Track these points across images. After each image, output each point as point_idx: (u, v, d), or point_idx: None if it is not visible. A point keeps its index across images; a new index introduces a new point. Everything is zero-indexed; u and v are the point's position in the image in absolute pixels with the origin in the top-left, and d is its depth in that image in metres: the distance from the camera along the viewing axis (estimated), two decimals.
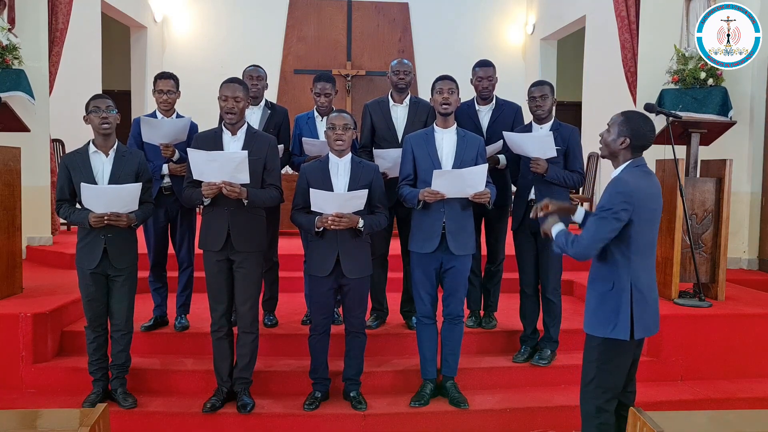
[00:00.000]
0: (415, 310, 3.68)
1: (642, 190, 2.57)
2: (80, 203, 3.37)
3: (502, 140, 3.90)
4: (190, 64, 9.16)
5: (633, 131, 2.60)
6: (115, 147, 3.42)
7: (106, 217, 3.26)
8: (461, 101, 3.78)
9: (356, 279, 3.42)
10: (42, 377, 3.74)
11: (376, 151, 3.97)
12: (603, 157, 2.78)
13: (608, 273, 2.65)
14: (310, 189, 3.32)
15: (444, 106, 3.48)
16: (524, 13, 9.97)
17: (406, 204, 3.55)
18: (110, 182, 3.36)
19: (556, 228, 2.81)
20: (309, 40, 9.81)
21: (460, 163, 3.47)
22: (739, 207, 5.61)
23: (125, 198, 3.31)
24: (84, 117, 3.38)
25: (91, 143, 3.41)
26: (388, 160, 3.89)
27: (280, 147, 3.96)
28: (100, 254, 3.35)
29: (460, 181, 3.36)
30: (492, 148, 3.94)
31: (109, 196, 3.29)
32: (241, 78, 3.75)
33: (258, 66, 4.25)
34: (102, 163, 3.38)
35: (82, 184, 3.28)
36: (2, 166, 4.16)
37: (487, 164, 3.46)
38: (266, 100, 4.26)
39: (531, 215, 3.02)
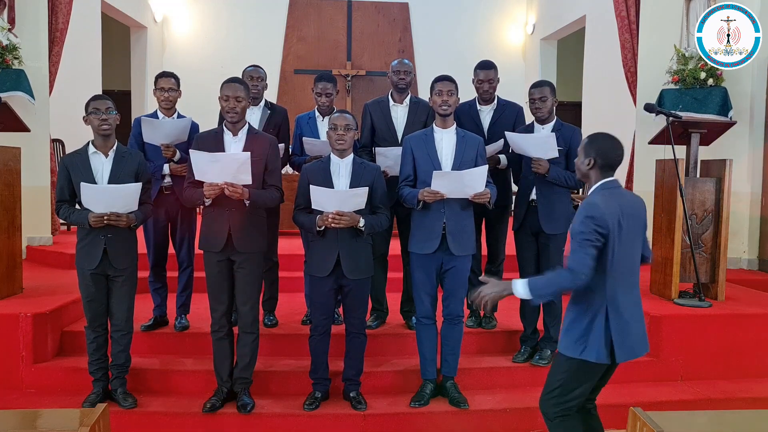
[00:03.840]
0: (415, 310, 3.68)
1: (613, 212, 2.52)
2: (80, 204, 3.37)
3: (502, 140, 3.90)
4: (190, 64, 9.15)
5: (597, 151, 2.61)
6: (114, 147, 3.41)
7: (105, 217, 3.26)
8: (462, 101, 3.77)
9: (357, 280, 3.42)
10: (42, 377, 3.74)
11: (377, 149, 3.97)
12: (580, 181, 2.74)
13: (582, 293, 2.59)
14: (311, 186, 3.31)
15: (443, 107, 3.48)
16: (524, 13, 9.97)
17: (405, 204, 3.55)
18: (110, 183, 3.35)
19: (518, 284, 2.57)
20: (309, 40, 9.81)
21: (459, 163, 3.46)
22: (739, 207, 5.60)
23: (125, 198, 3.31)
24: (84, 118, 3.38)
25: (90, 144, 3.40)
26: (389, 158, 3.89)
27: (280, 147, 3.96)
28: (100, 255, 3.34)
29: (459, 182, 3.35)
30: (492, 148, 3.93)
31: (108, 196, 3.29)
32: (241, 78, 3.74)
33: (258, 66, 4.25)
34: (102, 164, 3.38)
35: (82, 183, 3.27)
36: (2, 166, 4.15)
37: (487, 165, 3.46)
38: (266, 101, 4.26)
39: (481, 308, 2.69)
